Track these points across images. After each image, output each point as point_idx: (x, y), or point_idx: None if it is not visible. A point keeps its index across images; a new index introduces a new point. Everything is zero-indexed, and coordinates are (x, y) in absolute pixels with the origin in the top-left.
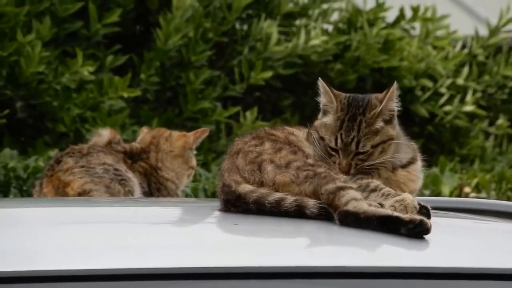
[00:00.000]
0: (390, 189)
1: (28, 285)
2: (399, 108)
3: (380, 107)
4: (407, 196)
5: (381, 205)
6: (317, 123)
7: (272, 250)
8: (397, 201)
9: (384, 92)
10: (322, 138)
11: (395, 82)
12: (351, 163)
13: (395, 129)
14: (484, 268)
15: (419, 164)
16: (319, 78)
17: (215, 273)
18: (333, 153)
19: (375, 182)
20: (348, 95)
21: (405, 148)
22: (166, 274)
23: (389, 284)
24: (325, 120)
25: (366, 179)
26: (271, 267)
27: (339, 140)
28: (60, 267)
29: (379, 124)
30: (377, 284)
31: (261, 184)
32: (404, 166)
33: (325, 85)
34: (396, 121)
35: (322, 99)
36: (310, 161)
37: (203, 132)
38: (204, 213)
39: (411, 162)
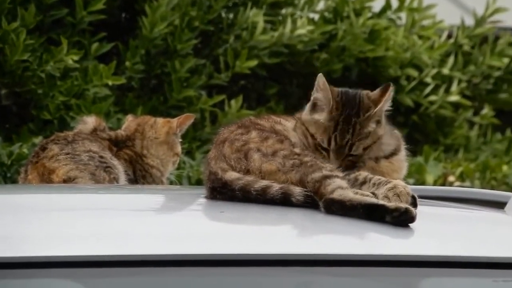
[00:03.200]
0: (379, 177)
1: (12, 271)
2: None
3: (375, 110)
4: (398, 183)
5: (374, 195)
6: (305, 117)
7: (258, 237)
8: (389, 189)
9: (379, 93)
10: (312, 136)
11: (391, 83)
12: (341, 163)
13: (383, 128)
14: (468, 257)
15: (402, 154)
16: (320, 74)
17: (200, 260)
18: (323, 152)
19: (362, 174)
20: (340, 90)
21: (389, 138)
22: (151, 261)
23: (374, 271)
24: (317, 117)
25: (353, 173)
26: (256, 254)
27: (332, 142)
28: (46, 253)
29: (372, 126)
30: (362, 272)
31: (247, 172)
32: (387, 157)
33: (325, 82)
34: (384, 120)
35: (318, 95)
36: (296, 150)
37: (187, 118)
38: (190, 201)
39: (394, 153)
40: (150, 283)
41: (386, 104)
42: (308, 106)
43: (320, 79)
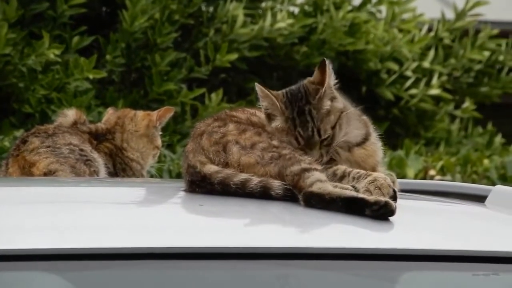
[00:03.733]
0: (358, 170)
1: None
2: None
3: (324, 88)
4: (378, 175)
5: (355, 188)
6: (269, 129)
7: (237, 230)
8: (370, 182)
9: (319, 71)
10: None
11: (325, 59)
12: (321, 152)
13: (341, 101)
14: (448, 250)
15: (373, 137)
16: (256, 84)
17: (179, 253)
18: (301, 150)
19: (340, 168)
20: (283, 91)
21: (357, 123)
22: (130, 254)
23: (353, 265)
24: (275, 124)
25: (331, 168)
26: (235, 247)
27: (299, 138)
28: (24, 246)
29: (327, 104)
30: (341, 265)
31: (226, 165)
32: (359, 144)
33: (263, 88)
34: (338, 94)
35: (264, 103)
36: (274, 142)
37: (166, 111)
38: (169, 194)
39: (366, 138)
40: (128, 276)
41: (331, 80)
42: (265, 119)
43: (258, 87)
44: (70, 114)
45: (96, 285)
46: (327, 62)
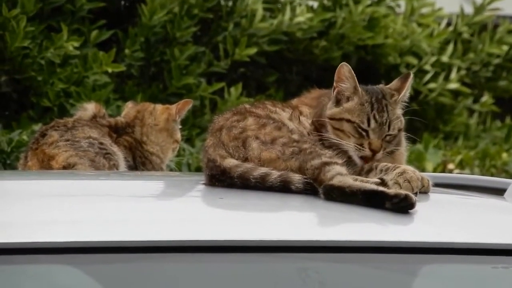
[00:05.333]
0: (385, 163)
1: (12, 257)
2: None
3: (401, 95)
4: (407, 168)
5: (383, 180)
6: (334, 111)
7: (257, 224)
8: (399, 174)
9: (399, 81)
10: (348, 121)
11: (411, 72)
12: (382, 144)
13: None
14: (468, 243)
15: (403, 149)
16: (344, 63)
17: (200, 247)
18: (363, 133)
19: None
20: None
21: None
22: (151, 247)
23: (373, 257)
24: (349, 104)
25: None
26: (256, 240)
27: (372, 121)
28: (45, 239)
29: (399, 111)
30: (361, 258)
31: (245, 160)
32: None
33: (351, 69)
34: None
35: (344, 85)
36: (295, 136)
37: (185, 103)
38: (189, 187)
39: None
40: (149, 269)
41: (407, 92)
42: (330, 103)
43: (346, 67)
44: (89, 108)
45: (115, 278)
46: (411, 75)
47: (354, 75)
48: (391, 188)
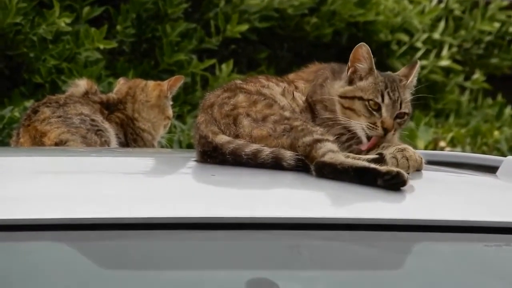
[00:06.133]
0: (387, 143)
1: (4, 233)
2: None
3: (409, 80)
4: (408, 147)
5: (381, 154)
6: (347, 89)
7: (248, 200)
8: (399, 150)
9: (408, 68)
10: (360, 98)
11: (418, 60)
12: (394, 124)
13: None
14: (460, 221)
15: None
16: (363, 43)
17: (191, 223)
18: (374, 112)
19: None
20: None
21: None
22: (142, 224)
23: (365, 235)
24: (363, 82)
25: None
26: (247, 217)
27: (386, 96)
28: (36, 216)
29: (408, 95)
30: (353, 236)
31: (237, 137)
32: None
33: (369, 50)
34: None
35: (361, 65)
36: (286, 113)
37: (177, 80)
38: (180, 164)
39: None
40: (141, 246)
41: (414, 79)
42: (343, 81)
43: (365, 47)
44: (81, 84)
45: (107, 255)
46: (418, 63)
47: (372, 56)
48: (388, 162)
